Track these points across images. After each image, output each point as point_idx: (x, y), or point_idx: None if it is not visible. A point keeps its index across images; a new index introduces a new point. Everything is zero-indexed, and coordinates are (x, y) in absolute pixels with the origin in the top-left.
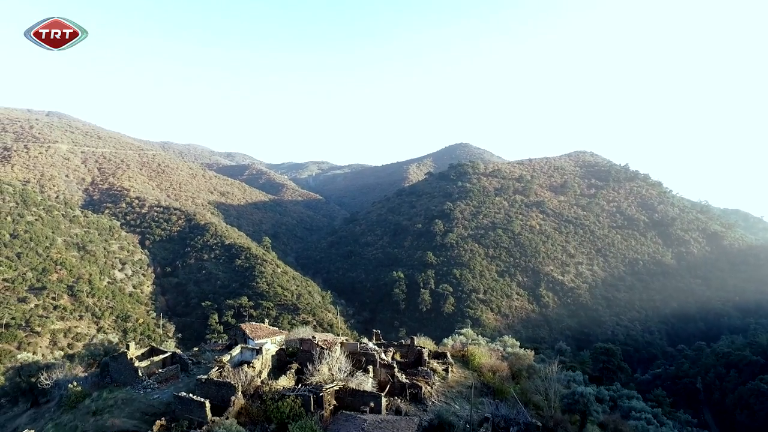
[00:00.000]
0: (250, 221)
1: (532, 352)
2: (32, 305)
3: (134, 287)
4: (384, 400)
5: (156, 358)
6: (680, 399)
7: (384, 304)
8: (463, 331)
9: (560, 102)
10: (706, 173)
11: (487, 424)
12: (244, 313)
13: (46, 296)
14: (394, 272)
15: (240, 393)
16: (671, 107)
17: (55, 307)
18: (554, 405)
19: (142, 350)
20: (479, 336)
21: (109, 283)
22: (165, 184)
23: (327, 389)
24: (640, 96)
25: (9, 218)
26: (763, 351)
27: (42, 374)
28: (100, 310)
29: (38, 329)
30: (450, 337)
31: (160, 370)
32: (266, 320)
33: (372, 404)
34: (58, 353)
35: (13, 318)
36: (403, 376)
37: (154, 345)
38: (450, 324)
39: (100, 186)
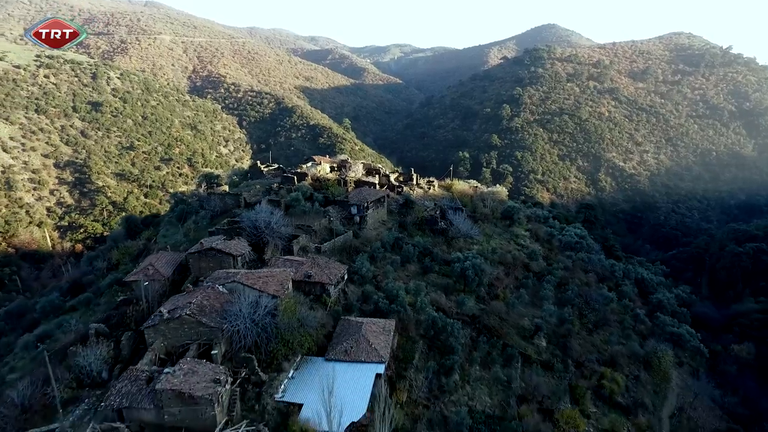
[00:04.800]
0: (332, 104)
1: (505, 189)
2: (164, 172)
3: (236, 161)
4: (379, 187)
5: (271, 168)
6: (690, 266)
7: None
8: (469, 180)
9: None
10: None
11: (436, 206)
12: None
13: (173, 166)
14: (461, 152)
15: (309, 176)
16: None
17: (179, 175)
18: (490, 210)
19: (264, 165)
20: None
21: (217, 156)
22: (255, 71)
23: (350, 178)
24: None
25: (138, 103)
26: None
27: (217, 179)
28: None
29: (171, 191)
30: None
31: (273, 172)
32: (327, 155)
33: (372, 186)
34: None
35: (153, 181)
36: (395, 181)
37: (268, 163)
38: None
39: (200, 73)
